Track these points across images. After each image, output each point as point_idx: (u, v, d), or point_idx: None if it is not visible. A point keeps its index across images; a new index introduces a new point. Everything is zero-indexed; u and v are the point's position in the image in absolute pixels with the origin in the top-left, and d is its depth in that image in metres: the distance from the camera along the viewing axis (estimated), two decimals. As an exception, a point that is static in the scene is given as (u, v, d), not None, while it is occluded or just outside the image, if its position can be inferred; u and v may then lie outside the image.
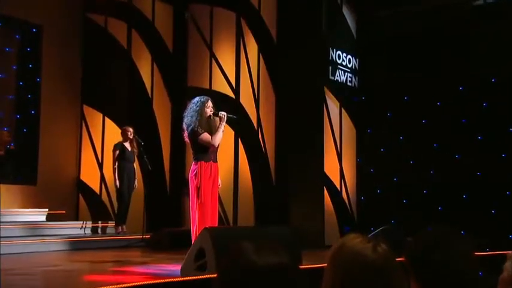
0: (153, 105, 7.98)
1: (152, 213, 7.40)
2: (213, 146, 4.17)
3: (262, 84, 7.51)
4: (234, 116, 4.35)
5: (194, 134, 4.21)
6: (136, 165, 7.14)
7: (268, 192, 7.39)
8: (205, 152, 4.21)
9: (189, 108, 4.34)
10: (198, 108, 4.26)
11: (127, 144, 6.94)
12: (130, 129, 7.00)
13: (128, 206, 6.94)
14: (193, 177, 4.19)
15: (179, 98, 7.90)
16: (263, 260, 1.03)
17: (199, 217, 4.12)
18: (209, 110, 4.28)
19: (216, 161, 4.32)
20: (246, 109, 7.38)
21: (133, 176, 6.98)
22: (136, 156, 7.08)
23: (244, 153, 7.32)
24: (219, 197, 4.71)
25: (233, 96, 7.35)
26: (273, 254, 1.05)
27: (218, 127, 4.24)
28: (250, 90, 7.44)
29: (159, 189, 7.78)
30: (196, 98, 4.34)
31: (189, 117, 4.29)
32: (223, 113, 4.26)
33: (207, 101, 4.30)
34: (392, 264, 1.14)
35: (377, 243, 1.16)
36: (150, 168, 6.62)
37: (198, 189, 4.12)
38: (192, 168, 4.25)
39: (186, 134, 4.32)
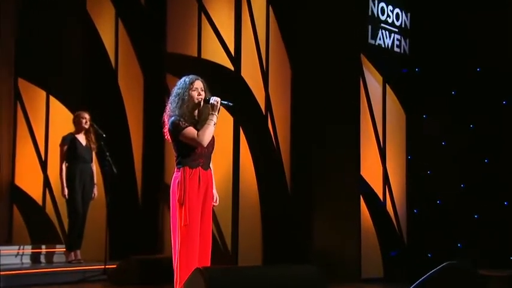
0: (119, 80, 7.86)
1: (118, 234, 7.28)
2: (201, 145, 4.07)
3: (273, 50, 7.43)
4: (231, 103, 4.16)
5: (175, 129, 4.06)
6: (95, 166, 7.03)
7: (282, 204, 7.32)
8: (191, 154, 4.07)
9: (172, 91, 4.21)
10: (180, 92, 4.12)
11: (81, 137, 6.86)
12: (86, 116, 6.86)
13: (84, 223, 6.85)
14: (175, 188, 4.06)
15: (155, 70, 7.81)
16: None
17: (181, 245, 4.00)
18: (196, 93, 4.11)
19: (208, 168, 4.14)
20: (249, 86, 7.27)
21: (91, 181, 6.88)
22: (95, 154, 6.99)
23: (247, 148, 7.23)
24: (214, 215, 4.55)
25: (231, 68, 7.24)
26: None
27: (208, 119, 4.07)
28: (256, 59, 7.35)
29: (127, 200, 7.68)
30: (182, 78, 4.19)
31: (169, 106, 4.16)
32: (215, 99, 4.09)
33: (194, 82, 4.13)
34: None
35: None
36: (114, 170, 6.57)
37: (182, 205, 4.00)
38: (174, 176, 4.12)
39: (166, 130, 4.18)
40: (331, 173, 7.10)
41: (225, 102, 4.10)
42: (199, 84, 4.13)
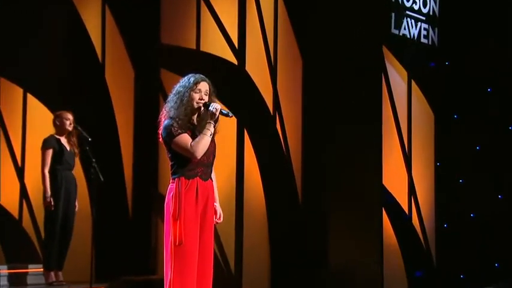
0: (106, 76, 7.89)
1: (105, 252, 7.28)
2: (192, 157, 3.99)
3: (282, 41, 7.42)
4: (230, 114, 4.10)
5: (167, 135, 4.05)
6: (77, 173, 6.99)
7: (292, 217, 7.27)
8: (188, 162, 4.05)
9: (173, 88, 4.19)
10: (181, 90, 4.11)
11: (64, 140, 6.84)
12: (69, 116, 6.82)
13: (70, 239, 6.81)
14: (170, 202, 4.04)
15: (148, 64, 7.83)
16: None
17: (174, 267, 3.97)
18: (198, 96, 4.09)
19: (208, 178, 4.12)
20: (255, 82, 7.27)
21: (74, 190, 6.89)
22: (79, 159, 6.99)
23: (252, 153, 7.22)
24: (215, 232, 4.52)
25: (234, 62, 7.26)
26: None
27: (204, 128, 4.05)
28: (263, 52, 7.34)
29: (115, 212, 7.67)
30: (187, 75, 4.18)
31: (167, 105, 4.15)
32: (215, 106, 4.07)
33: (199, 83, 4.12)
34: None
35: None
36: (101, 178, 6.57)
37: (176, 222, 3.98)
38: (169, 188, 4.09)
39: (160, 133, 4.17)
40: (349, 182, 7.05)
41: (225, 112, 4.09)
42: (204, 86, 4.11)
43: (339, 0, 7.22)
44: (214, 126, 4.03)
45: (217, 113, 4.03)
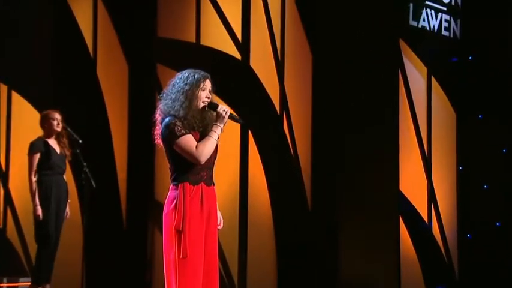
0: (98, 71, 7.90)
1: (97, 264, 7.32)
2: (196, 161, 4.00)
3: (290, 34, 7.41)
4: (240, 120, 4.19)
5: (169, 134, 4.01)
6: (68, 178, 7.00)
7: (301, 226, 7.24)
8: (192, 165, 4.03)
9: (170, 85, 4.15)
10: (188, 89, 4.09)
11: (52, 142, 6.83)
12: (57, 116, 6.82)
13: (56, 250, 6.81)
14: (172, 211, 4.00)
15: (143, 59, 7.82)
16: None
17: (179, 283, 3.94)
18: (205, 95, 4.10)
19: (212, 183, 4.12)
20: (260, 79, 7.26)
21: (66, 197, 6.89)
22: (69, 163, 6.98)
23: (257, 156, 7.26)
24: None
25: (238, 57, 7.28)
26: None
27: (210, 131, 4.06)
28: (269, 46, 7.33)
29: (108, 221, 7.67)
30: (186, 72, 4.16)
31: (167, 102, 4.09)
32: (224, 109, 4.10)
33: (206, 80, 4.13)
34: None
35: None
36: (93, 184, 6.60)
37: (180, 233, 3.95)
38: (170, 196, 4.04)
39: (158, 133, 4.13)
40: (363, 188, 7.03)
41: (236, 118, 4.12)
42: (209, 84, 4.14)
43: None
44: (221, 130, 4.04)
45: (227, 116, 4.04)
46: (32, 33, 7.71)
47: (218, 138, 4.04)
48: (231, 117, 4.06)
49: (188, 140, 3.96)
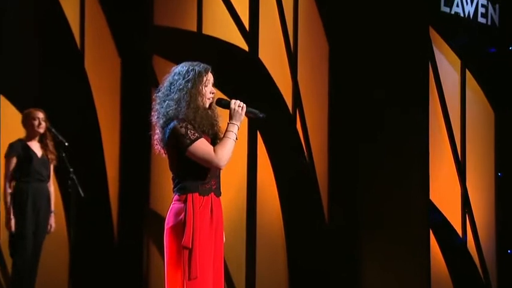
0: (86, 65, 7.84)
1: (84, 282, 7.30)
2: (216, 166, 4.05)
3: (304, 22, 7.46)
4: (260, 115, 4.15)
5: (179, 140, 3.99)
6: (52, 185, 6.99)
7: (317, 239, 7.27)
8: (202, 174, 4.05)
9: (167, 84, 4.14)
10: (189, 85, 4.08)
11: (34, 145, 6.82)
12: (40, 115, 6.79)
13: (36, 267, 6.82)
14: (178, 225, 4.02)
15: (137, 50, 7.80)
16: None
17: None
18: (209, 90, 4.11)
19: (220, 194, 4.17)
20: (270, 73, 7.28)
21: (48, 207, 6.86)
22: (54, 168, 6.95)
23: (267, 159, 7.30)
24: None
25: (245, 47, 7.31)
26: None
27: (226, 131, 4.07)
28: (280, 36, 7.37)
29: (98, 234, 7.63)
30: (184, 66, 4.15)
31: (170, 104, 4.07)
32: (238, 104, 4.09)
33: (207, 74, 4.14)
34: None
35: None
36: (80, 193, 6.65)
37: (190, 252, 3.97)
38: (174, 207, 4.05)
39: (157, 138, 4.11)
40: (388, 196, 7.06)
41: (255, 112, 4.07)
42: (211, 77, 4.14)
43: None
44: (238, 128, 4.05)
45: (243, 113, 4.05)
46: (12, 24, 7.58)
47: (236, 138, 4.04)
48: (248, 112, 4.06)
49: (204, 145, 3.98)
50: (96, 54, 7.83)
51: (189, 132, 3.97)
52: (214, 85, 4.12)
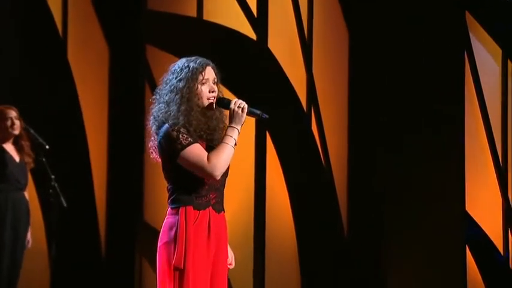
0: (69, 56, 7.89)
1: None
2: (210, 175, 4.03)
3: (320, 8, 7.51)
4: (263, 115, 4.13)
5: (172, 146, 4.02)
6: (31, 195, 7.07)
7: (334, 254, 7.28)
8: (197, 185, 4.07)
9: (163, 83, 4.17)
10: (182, 85, 4.11)
11: (10, 148, 6.88)
12: (12, 113, 6.83)
13: (15, 285, 6.89)
14: (169, 243, 4.02)
15: (128, 40, 7.86)
16: None
17: None
18: (208, 89, 4.10)
19: (222, 209, 4.16)
20: (281, 65, 7.36)
21: (27, 219, 6.92)
22: (31, 174, 7.02)
23: (277, 164, 7.39)
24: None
25: (252, 36, 7.42)
26: None
27: (224, 135, 4.07)
28: (293, 23, 7.44)
29: (83, 250, 7.67)
30: (179, 62, 4.17)
31: (161, 107, 4.12)
32: (239, 103, 4.08)
33: (205, 69, 4.15)
34: None
35: None
36: (63, 202, 6.74)
37: (180, 272, 3.99)
38: (167, 222, 4.06)
39: (153, 145, 4.15)
40: (416, 207, 7.02)
41: (257, 112, 4.03)
42: (211, 73, 4.12)
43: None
44: (239, 132, 4.03)
45: (244, 114, 4.01)
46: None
47: (235, 144, 4.03)
48: (250, 113, 4.04)
49: (198, 151, 3.99)
50: (81, 43, 7.91)
51: (181, 136, 4.00)
52: (218, 82, 4.10)
